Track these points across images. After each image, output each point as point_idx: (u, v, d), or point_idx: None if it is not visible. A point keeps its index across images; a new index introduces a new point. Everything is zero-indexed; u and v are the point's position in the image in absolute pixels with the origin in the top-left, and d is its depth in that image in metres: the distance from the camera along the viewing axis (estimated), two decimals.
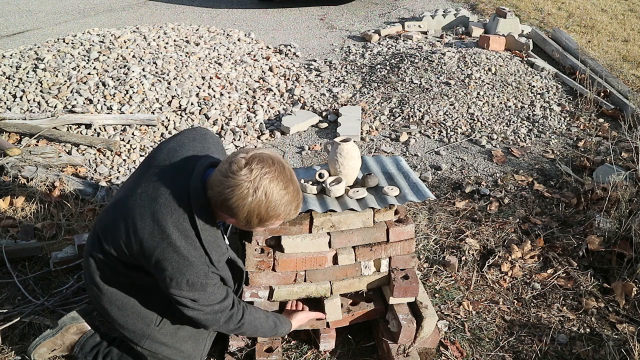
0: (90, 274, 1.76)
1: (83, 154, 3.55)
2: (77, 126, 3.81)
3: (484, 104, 4.30)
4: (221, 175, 1.46)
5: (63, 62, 4.42)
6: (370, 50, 5.50)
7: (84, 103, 3.99)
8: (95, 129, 3.79)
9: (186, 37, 5.30)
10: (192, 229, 1.53)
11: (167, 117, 3.97)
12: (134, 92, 4.12)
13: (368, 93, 4.56)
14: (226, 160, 1.49)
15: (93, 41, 4.84)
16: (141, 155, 3.63)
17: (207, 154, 1.67)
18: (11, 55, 4.62)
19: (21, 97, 4.00)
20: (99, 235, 1.66)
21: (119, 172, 3.45)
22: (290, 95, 4.53)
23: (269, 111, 4.29)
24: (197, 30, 5.67)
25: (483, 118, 4.15)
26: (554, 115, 4.21)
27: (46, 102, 3.97)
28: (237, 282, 1.82)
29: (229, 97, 4.34)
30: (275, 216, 1.50)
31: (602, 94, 4.43)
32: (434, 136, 3.97)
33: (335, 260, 1.96)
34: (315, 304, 2.05)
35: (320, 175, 1.96)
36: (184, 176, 1.57)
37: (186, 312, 1.64)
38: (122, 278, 1.73)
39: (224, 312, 1.68)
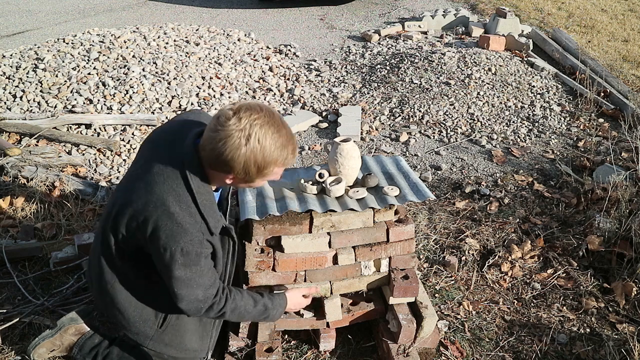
0: (94, 273, 1.75)
1: (83, 154, 3.55)
2: (77, 126, 3.81)
3: (484, 104, 4.30)
4: (211, 132, 1.44)
5: (63, 62, 4.42)
6: (370, 50, 5.50)
7: (84, 103, 3.99)
8: (95, 129, 3.78)
9: (186, 37, 5.30)
10: (188, 193, 1.51)
11: (167, 117, 3.97)
12: (134, 92, 4.12)
13: (368, 93, 4.56)
14: (213, 117, 1.47)
15: (93, 41, 4.83)
16: None
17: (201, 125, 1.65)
18: (11, 55, 4.62)
19: (21, 97, 4.00)
20: (103, 227, 1.65)
21: (119, 172, 3.45)
22: (290, 95, 4.53)
23: None
24: (197, 30, 5.67)
25: (483, 118, 4.15)
26: (554, 115, 4.21)
27: (46, 102, 3.97)
28: (231, 262, 1.79)
29: (229, 97, 4.33)
30: (272, 162, 1.47)
31: (602, 94, 4.43)
32: (434, 136, 3.97)
33: (335, 260, 1.95)
34: (316, 304, 2.06)
35: (320, 175, 1.95)
36: (177, 145, 1.55)
37: (176, 301, 1.59)
38: (125, 274, 1.71)
39: (207, 302, 1.63)
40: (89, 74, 4.29)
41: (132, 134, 3.80)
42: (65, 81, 4.18)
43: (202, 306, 1.64)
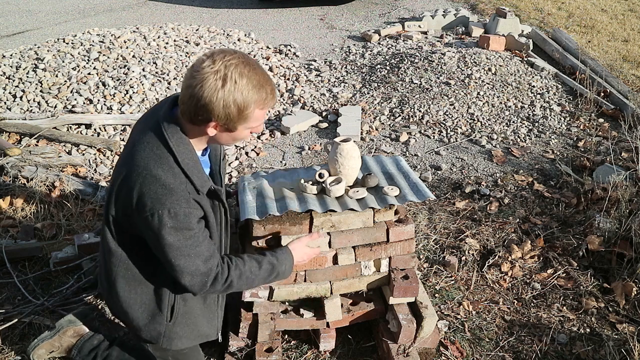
0: (101, 273, 1.74)
1: (83, 154, 3.55)
2: (77, 126, 3.81)
3: (484, 104, 4.30)
4: (187, 81, 1.44)
5: (63, 62, 4.42)
6: (370, 50, 5.50)
7: (84, 103, 3.99)
8: (95, 129, 3.78)
9: (186, 37, 5.30)
10: (169, 154, 1.50)
11: None
12: (134, 92, 4.12)
13: (368, 93, 4.56)
14: (188, 68, 1.47)
15: (93, 41, 4.84)
16: None
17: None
18: (11, 55, 4.62)
19: (21, 97, 4.00)
20: (103, 222, 1.66)
21: None
22: (290, 95, 4.53)
23: (269, 111, 4.29)
24: (197, 30, 5.67)
25: (483, 118, 4.15)
26: (554, 115, 4.21)
27: (46, 102, 3.97)
28: (225, 233, 1.77)
29: None
30: (252, 101, 1.46)
31: (602, 94, 4.43)
32: (434, 136, 3.97)
33: (335, 260, 1.95)
34: (315, 304, 2.06)
35: (320, 175, 1.95)
36: (154, 115, 1.57)
37: (178, 276, 1.56)
38: (125, 268, 1.67)
39: (210, 274, 1.59)
40: (89, 74, 4.29)
41: None
42: (65, 81, 4.18)
43: (207, 279, 1.59)
